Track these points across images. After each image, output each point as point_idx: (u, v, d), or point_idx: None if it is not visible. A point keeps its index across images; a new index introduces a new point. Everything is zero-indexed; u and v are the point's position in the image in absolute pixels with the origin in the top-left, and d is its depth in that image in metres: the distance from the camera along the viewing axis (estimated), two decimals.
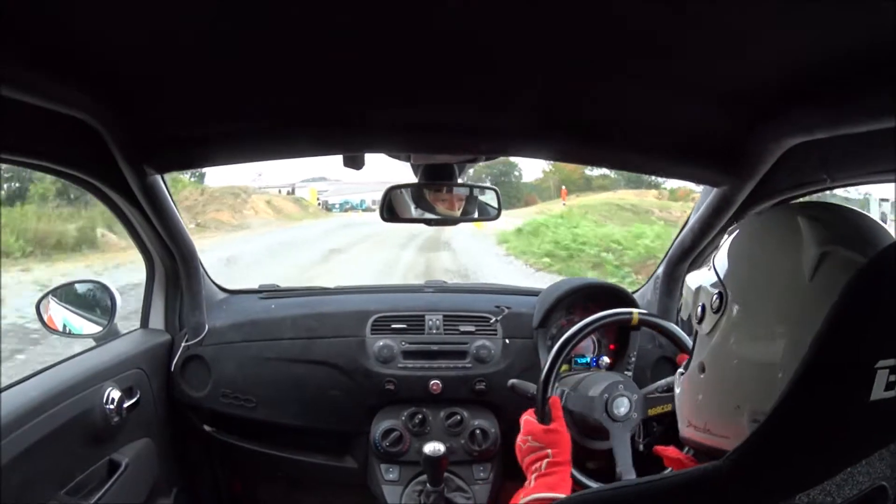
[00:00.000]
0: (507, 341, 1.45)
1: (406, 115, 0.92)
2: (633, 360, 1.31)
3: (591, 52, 0.70)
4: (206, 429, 1.46)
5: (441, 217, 1.26)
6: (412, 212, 1.24)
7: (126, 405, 1.19)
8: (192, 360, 1.43)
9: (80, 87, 0.76)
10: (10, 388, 1.00)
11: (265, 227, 16.10)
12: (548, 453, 0.96)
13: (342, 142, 0.99)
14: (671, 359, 1.39)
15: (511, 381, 1.22)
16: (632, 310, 1.19)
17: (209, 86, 0.82)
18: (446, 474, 1.35)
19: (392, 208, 1.22)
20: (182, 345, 1.41)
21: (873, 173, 0.98)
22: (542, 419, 1.02)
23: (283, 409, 1.43)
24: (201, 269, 1.43)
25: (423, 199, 1.24)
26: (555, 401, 1.05)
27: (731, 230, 0.63)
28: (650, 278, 1.54)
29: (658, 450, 0.71)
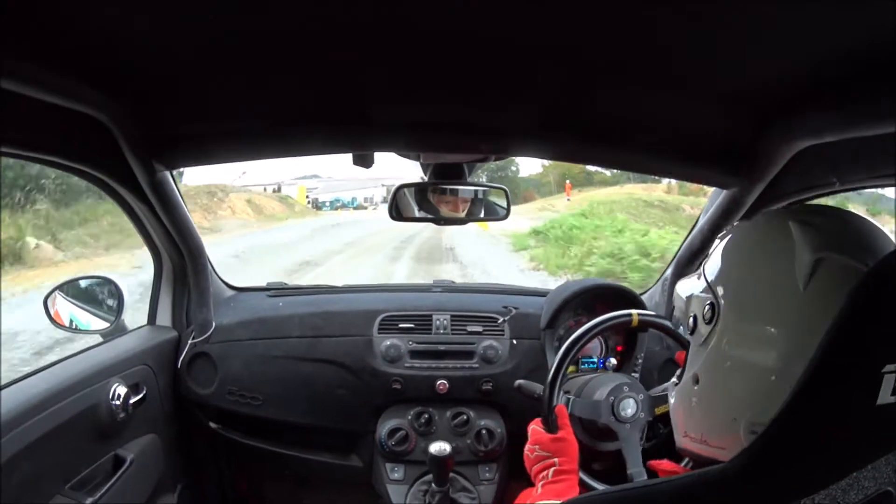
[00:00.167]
0: (515, 342, 1.44)
1: (409, 113, 0.93)
2: (641, 361, 1.31)
3: (597, 54, 0.71)
4: (212, 426, 1.46)
5: (447, 216, 1.26)
6: (416, 212, 1.24)
7: (132, 401, 1.19)
8: (198, 357, 1.43)
9: (93, 85, 0.77)
10: (16, 383, 1.01)
11: (241, 228, 14.90)
12: (554, 462, 0.96)
13: (347, 140, 1.00)
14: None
15: (518, 382, 1.21)
16: (631, 311, 1.18)
17: (220, 83, 0.83)
18: (452, 474, 1.35)
19: (399, 208, 1.23)
20: (189, 342, 1.41)
21: (882, 176, 0.98)
22: (549, 428, 1.02)
23: (290, 408, 1.43)
24: (209, 266, 1.43)
25: (426, 200, 1.24)
26: (561, 409, 1.04)
27: (720, 236, 0.62)
28: (658, 280, 1.54)
29: (652, 464, 0.70)
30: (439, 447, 1.22)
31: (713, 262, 0.60)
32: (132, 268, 7.18)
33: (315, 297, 1.60)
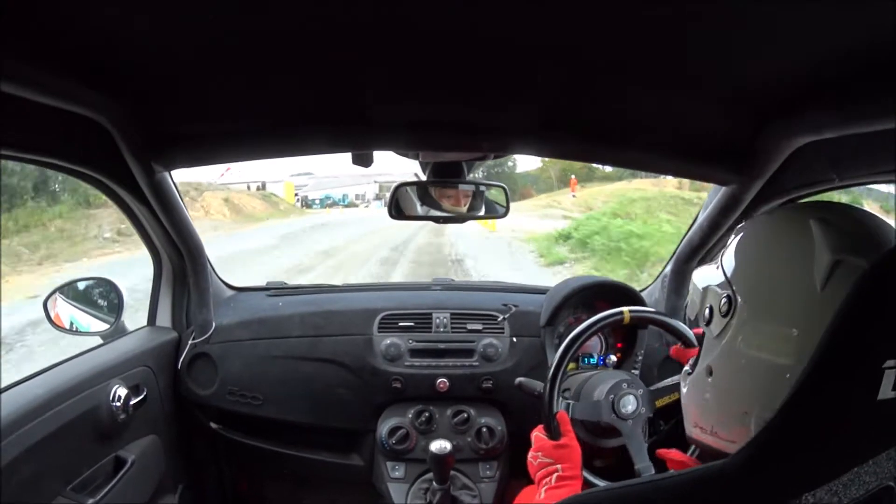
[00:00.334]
0: (515, 339, 1.45)
1: (409, 113, 0.93)
2: (641, 358, 1.31)
3: (598, 54, 0.71)
4: (213, 426, 1.46)
5: (447, 214, 1.26)
6: (418, 209, 1.24)
7: (133, 402, 1.19)
8: (198, 357, 1.43)
9: (93, 86, 0.77)
10: (17, 385, 1.01)
11: (212, 231, 12.93)
12: (557, 468, 0.96)
13: (347, 140, 1.00)
14: None
15: (518, 380, 1.21)
16: (622, 309, 1.17)
17: (220, 84, 0.83)
18: (452, 472, 1.35)
19: (400, 206, 1.23)
20: (189, 342, 1.41)
21: (881, 172, 0.98)
22: (552, 435, 1.02)
23: (290, 407, 1.43)
24: (209, 267, 1.43)
25: (428, 195, 1.25)
26: (562, 416, 1.04)
27: (739, 229, 0.62)
28: (658, 276, 1.54)
29: (661, 453, 0.70)
30: (440, 445, 1.22)
31: (730, 255, 0.59)
32: (27, 298, 5.92)
33: (315, 296, 1.60)
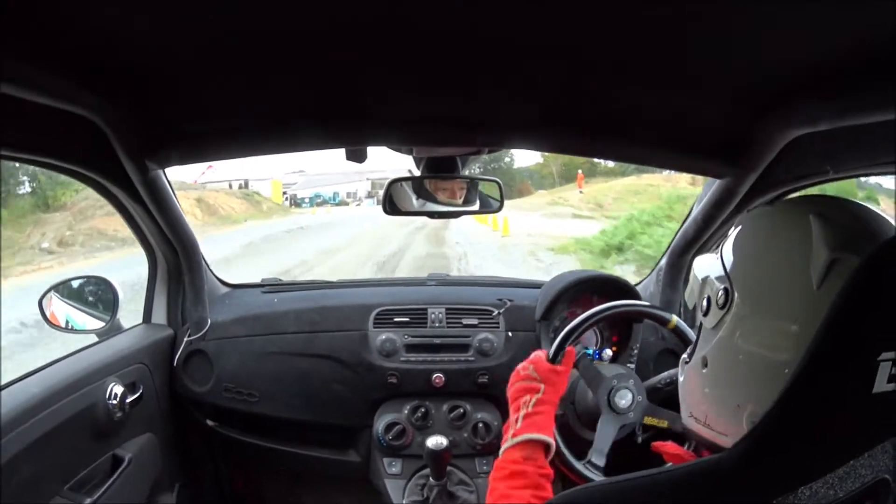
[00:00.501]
0: (510, 334, 1.45)
1: (407, 111, 0.93)
2: (636, 352, 1.31)
3: (597, 53, 0.71)
4: (209, 423, 1.46)
5: (442, 210, 1.27)
6: (414, 203, 1.25)
7: (129, 400, 1.19)
8: (194, 354, 1.43)
9: (91, 87, 0.77)
10: (12, 384, 1.01)
11: None
12: (539, 388, 0.94)
13: (341, 135, 0.99)
14: (674, 351, 1.39)
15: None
16: (672, 315, 1.17)
17: (220, 83, 0.83)
18: (449, 468, 1.35)
19: (394, 202, 1.23)
20: (185, 339, 1.41)
21: (875, 164, 0.98)
22: (553, 359, 1.01)
23: (286, 404, 1.43)
24: (203, 264, 1.43)
25: (423, 188, 1.26)
26: (570, 351, 1.03)
27: (739, 220, 0.62)
28: (653, 270, 1.54)
29: (656, 446, 0.70)
30: (436, 441, 1.22)
31: (729, 248, 0.59)
32: None
33: (310, 292, 1.60)
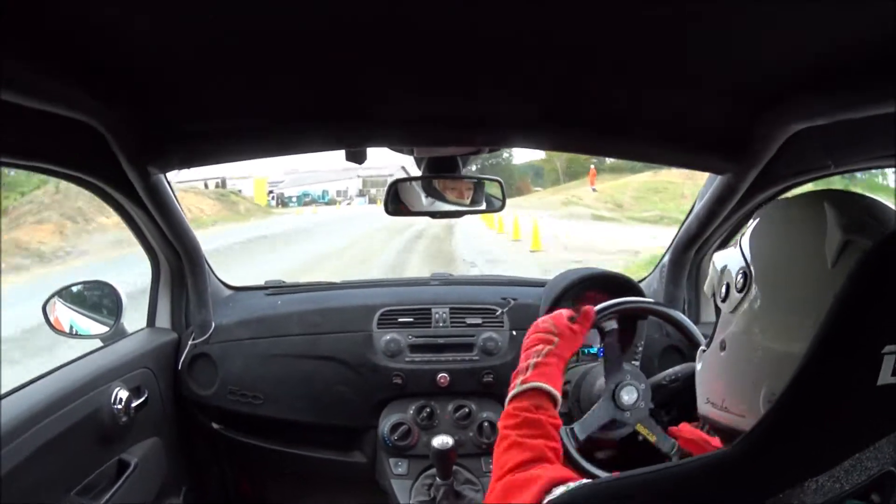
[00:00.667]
0: (514, 333, 1.45)
1: (408, 111, 0.93)
2: (641, 349, 1.32)
3: (597, 53, 0.71)
4: (214, 426, 1.46)
5: (451, 209, 1.27)
6: (423, 201, 1.25)
7: (134, 405, 1.19)
8: (199, 358, 1.42)
9: (90, 90, 0.76)
10: (17, 391, 1.00)
11: (112, 249, 8.80)
12: (554, 341, 0.94)
13: (341, 136, 0.99)
14: (679, 348, 1.39)
15: None
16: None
17: (214, 83, 0.83)
18: (455, 467, 1.35)
19: (398, 201, 1.23)
20: (189, 343, 1.41)
21: (876, 158, 0.99)
22: (573, 318, 1.00)
23: (291, 406, 1.43)
24: (206, 267, 1.43)
25: (432, 187, 1.27)
26: (589, 311, 1.02)
27: (757, 213, 0.63)
28: (656, 266, 1.55)
29: (673, 430, 0.71)
30: (442, 441, 1.23)
31: (748, 237, 0.61)
32: None
33: (313, 294, 1.60)
